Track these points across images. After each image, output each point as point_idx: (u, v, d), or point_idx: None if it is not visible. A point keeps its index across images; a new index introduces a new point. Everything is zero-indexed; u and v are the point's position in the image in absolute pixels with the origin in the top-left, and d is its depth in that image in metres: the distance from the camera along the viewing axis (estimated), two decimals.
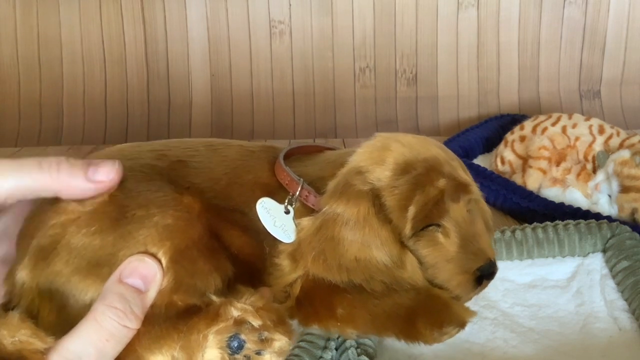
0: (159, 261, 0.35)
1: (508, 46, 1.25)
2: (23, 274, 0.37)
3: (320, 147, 0.52)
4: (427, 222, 0.43)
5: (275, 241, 0.44)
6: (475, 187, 0.45)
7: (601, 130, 0.85)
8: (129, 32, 1.24)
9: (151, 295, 0.35)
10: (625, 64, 1.25)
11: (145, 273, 0.35)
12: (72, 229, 0.36)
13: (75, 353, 0.32)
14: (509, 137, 0.92)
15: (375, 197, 0.42)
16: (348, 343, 0.47)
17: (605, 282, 0.58)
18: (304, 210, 0.45)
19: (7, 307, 0.37)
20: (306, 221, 0.44)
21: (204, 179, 0.44)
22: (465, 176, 0.45)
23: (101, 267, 0.35)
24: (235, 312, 0.34)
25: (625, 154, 0.77)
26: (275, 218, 0.44)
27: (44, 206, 0.39)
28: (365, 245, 0.42)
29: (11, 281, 0.38)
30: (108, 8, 1.24)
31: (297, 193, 0.44)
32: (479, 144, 1.01)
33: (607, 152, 0.82)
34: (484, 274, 0.44)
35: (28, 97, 1.25)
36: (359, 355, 0.47)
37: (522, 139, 0.89)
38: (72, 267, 0.36)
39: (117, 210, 0.37)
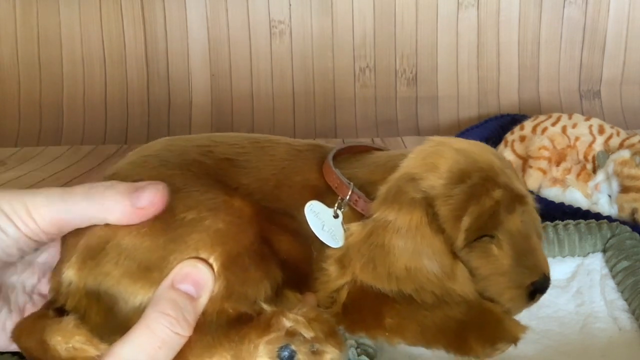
0: (211, 267, 0.35)
1: (508, 46, 1.25)
2: (70, 273, 0.36)
3: (367, 147, 0.50)
4: (481, 234, 0.41)
5: (322, 245, 0.43)
6: (530, 199, 0.44)
7: (601, 130, 0.85)
8: (129, 32, 1.24)
9: (203, 301, 0.34)
10: (625, 64, 1.25)
11: (197, 279, 0.34)
12: (122, 230, 0.35)
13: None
14: (509, 137, 0.92)
15: (428, 205, 0.41)
16: (348, 343, 0.47)
17: (605, 282, 0.58)
18: (353, 214, 0.44)
19: (53, 305, 0.37)
20: (355, 226, 0.43)
21: (252, 180, 0.43)
22: (521, 187, 0.44)
23: (151, 270, 0.35)
24: (287, 323, 0.34)
25: (625, 154, 0.77)
26: (323, 222, 0.43)
27: None
28: (417, 254, 0.41)
29: (57, 280, 0.37)
30: (108, 8, 1.24)
31: (347, 197, 0.43)
32: None
33: (607, 152, 0.82)
34: (538, 289, 0.42)
35: (28, 97, 1.25)
36: (359, 355, 0.47)
37: (522, 139, 0.89)
38: (122, 269, 0.35)
39: (167, 212, 0.36)
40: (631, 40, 1.24)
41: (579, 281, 0.59)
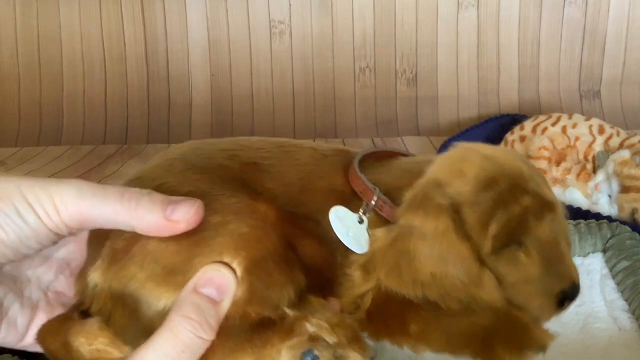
0: (234, 271, 0.35)
1: (508, 46, 1.25)
2: (95, 276, 0.36)
3: (394, 152, 0.50)
4: (509, 241, 0.41)
5: (347, 251, 0.42)
6: (559, 206, 0.43)
7: (601, 130, 0.85)
8: (129, 32, 1.24)
9: (225, 305, 0.34)
10: (625, 64, 1.25)
11: (220, 283, 0.34)
12: None
13: None
14: (509, 137, 0.92)
15: (454, 212, 0.41)
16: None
17: (605, 282, 0.58)
18: (378, 220, 0.43)
19: (79, 308, 0.37)
20: (380, 232, 0.42)
21: (277, 184, 0.43)
22: (550, 194, 0.43)
23: (175, 274, 0.35)
24: (310, 328, 0.34)
25: (625, 154, 0.77)
26: (348, 227, 0.42)
27: None
28: (442, 260, 0.40)
29: (83, 282, 0.37)
30: (108, 8, 1.24)
31: (373, 203, 0.43)
32: None
33: (607, 152, 0.82)
34: (567, 297, 0.42)
35: (28, 97, 1.25)
36: None
37: (522, 139, 0.89)
38: (147, 272, 0.35)
39: None
40: (631, 40, 1.24)
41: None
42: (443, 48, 1.24)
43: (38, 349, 0.37)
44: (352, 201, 0.44)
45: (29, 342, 0.36)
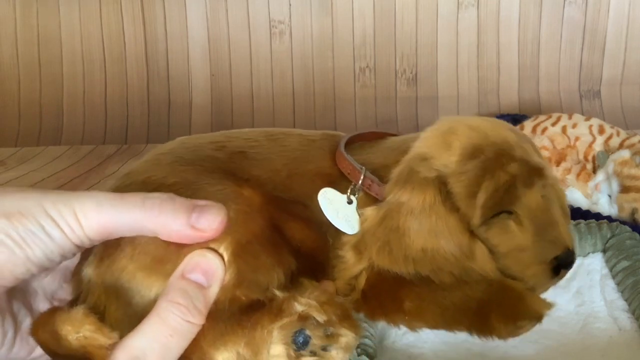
0: (221, 256, 0.35)
1: (508, 46, 1.25)
2: (89, 271, 0.36)
3: (382, 133, 0.49)
4: (498, 210, 0.40)
5: (338, 233, 0.42)
6: (550, 171, 0.42)
7: (601, 130, 0.85)
8: (129, 32, 1.24)
9: (214, 290, 0.34)
10: (625, 64, 1.25)
11: (206, 268, 0.34)
12: None
13: (139, 349, 0.31)
14: None
15: (441, 184, 0.40)
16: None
17: (605, 282, 0.58)
18: (368, 200, 0.43)
19: (75, 304, 0.36)
20: (370, 211, 0.42)
21: (264, 171, 0.43)
22: (539, 160, 0.42)
23: (164, 263, 0.35)
24: (299, 307, 0.33)
25: (625, 154, 0.77)
26: (338, 209, 0.42)
27: None
28: (432, 235, 0.40)
29: (77, 278, 0.37)
30: (108, 8, 1.24)
31: (360, 182, 0.43)
32: None
33: (607, 152, 0.82)
34: (562, 264, 0.41)
35: (28, 97, 1.25)
36: (359, 355, 0.47)
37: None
38: (137, 263, 0.35)
39: None
40: (631, 40, 1.24)
41: (579, 281, 0.58)
42: (443, 48, 1.24)
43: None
44: (341, 183, 0.43)
45: (37, 354, 0.36)
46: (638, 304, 0.53)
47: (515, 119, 1.04)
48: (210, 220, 0.34)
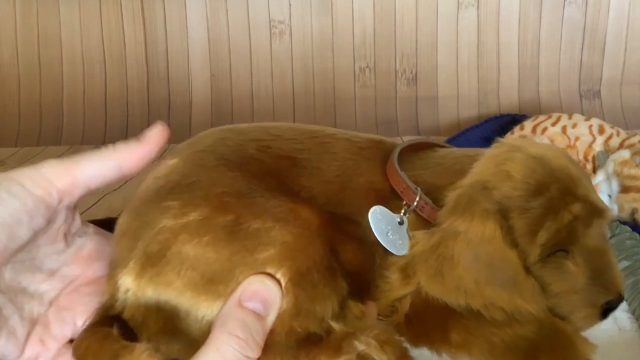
0: (279, 283, 0.33)
1: (508, 46, 1.25)
2: (128, 280, 0.35)
3: (430, 143, 0.48)
4: (557, 249, 0.39)
5: (385, 252, 0.41)
6: (609, 212, 0.41)
7: (601, 130, 0.85)
8: (129, 32, 1.24)
9: (271, 319, 0.33)
10: (625, 64, 1.25)
11: (265, 296, 0.33)
12: (183, 237, 0.34)
13: None
14: (509, 137, 0.92)
15: (502, 218, 0.39)
16: None
17: None
18: (418, 221, 0.42)
19: (108, 312, 0.36)
20: (421, 235, 0.40)
21: (315, 182, 0.41)
22: (598, 198, 0.41)
23: (216, 283, 0.33)
24: (359, 346, 0.33)
25: (625, 154, 0.77)
26: (388, 229, 0.41)
27: (145, 203, 0.37)
28: (488, 268, 0.38)
29: (113, 285, 0.36)
30: (108, 8, 1.24)
31: (415, 204, 0.41)
32: (479, 144, 1.01)
33: (607, 152, 0.82)
34: (611, 308, 0.41)
35: (28, 97, 1.25)
36: None
37: (522, 138, 0.89)
38: (185, 279, 0.34)
39: (230, 220, 0.34)
40: (631, 40, 1.24)
41: None
42: (443, 48, 1.24)
43: None
44: (391, 200, 0.42)
45: (27, 356, 0.35)
46: (638, 304, 0.53)
47: (515, 119, 1.04)
48: (152, 131, 0.38)
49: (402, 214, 0.41)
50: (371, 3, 1.23)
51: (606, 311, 0.41)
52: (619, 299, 0.41)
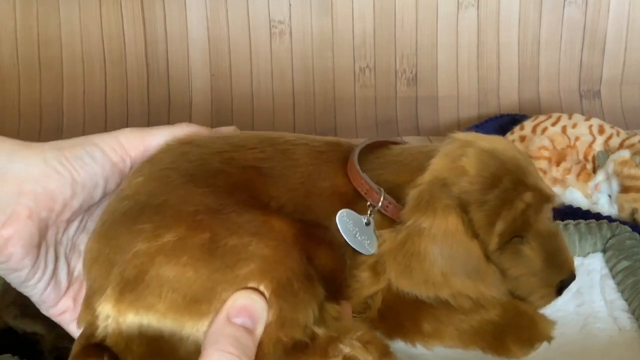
0: (264, 295, 0.34)
1: (508, 46, 1.25)
2: (107, 307, 0.35)
3: (384, 142, 0.49)
4: (512, 236, 0.42)
5: (354, 253, 0.43)
6: (557, 197, 0.45)
7: (601, 130, 0.85)
8: (129, 32, 1.24)
9: (259, 333, 0.34)
10: (625, 64, 1.25)
11: (252, 311, 0.33)
12: (160, 259, 0.34)
13: None
14: (509, 137, 0.92)
15: (462, 211, 0.41)
16: None
17: (605, 282, 0.58)
18: (383, 220, 0.43)
19: (90, 340, 0.36)
20: (388, 234, 0.42)
21: (282, 191, 0.42)
22: (546, 186, 0.44)
23: (199, 302, 0.34)
24: (345, 349, 0.34)
25: (625, 154, 0.77)
26: (355, 230, 0.42)
27: (114, 227, 0.37)
28: (453, 260, 0.41)
29: (91, 314, 0.36)
30: (108, 8, 1.24)
31: (380, 204, 0.43)
32: None
33: (607, 152, 0.82)
34: (565, 285, 0.44)
35: (28, 97, 1.25)
36: None
37: (522, 139, 0.89)
38: (167, 302, 0.34)
39: (207, 238, 0.35)
40: (631, 40, 1.24)
41: (578, 281, 0.58)
42: (443, 48, 1.24)
43: (62, 320, 0.39)
44: (355, 201, 0.43)
45: (57, 311, 0.39)
46: (638, 304, 0.53)
47: (515, 119, 1.04)
48: (227, 128, 0.45)
49: (368, 215, 0.43)
50: (371, 3, 1.23)
51: (560, 289, 0.44)
52: (572, 277, 0.44)
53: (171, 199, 0.37)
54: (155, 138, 0.40)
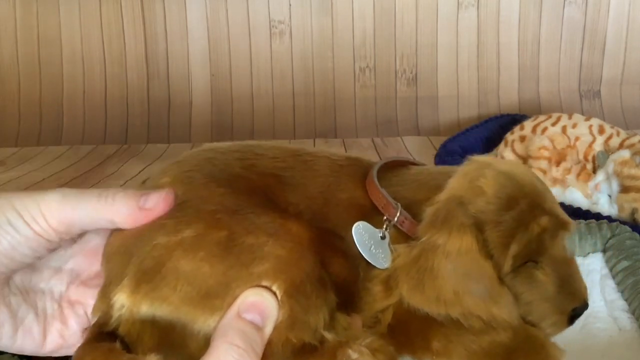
0: (275, 295, 0.34)
1: (508, 46, 1.25)
2: (122, 297, 0.35)
3: (404, 161, 0.50)
4: (527, 259, 0.42)
5: (368, 266, 0.43)
6: (573, 225, 0.44)
7: (601, 130, 0.85)
8: (129, 32, 1.24)
9: (268, 331, 0.34)
10: (625, 64, 1.25)
11: (263, 308, 0.34)
12: (178, 253, 0.35)
13: None
14: (509, 137, 0.92)
15: (478, 231, 0.41)
16: None
17: (605, 282, 0.58)
18: (398, 235, 0.43)
19: (103, 328, 0.36)
20: (402, 248, 0.42)
21: (301, 198, 0.42)
22: (563, 212, 0.44)
23: (212, 297, 0.34)
24: (353, 355, 0.34)
25: (625, 154, 0.77)
26: (371, 243, 0.42)
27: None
28: (466, 279, 0.41)
29: (106, 303, 0.36)
30: (108, 8, 1.24)
31: (396, 219, 0.43)
32: (479, 143, 1.01)
33: (607, 152, 0.82)
34: (577, 314, 0.43)
35: (28, 97, 1.25)
36: None
37: (522, 139, 0.89)
38: (182, 294, 0.34)
39: (224, 236, 0.35)
40: (631, 40, 1.24)
41: None
42: (443, 48, 1.24)
43: (61, 353, 0.37)
44: (373, 215, 0.43)
45: (49, 349, 0.37)
46: (638, 304, 0.53)
47: (515, 119, 1.04)
48: (155, 201, 0.36)
49: (384, 229, 0.43)
50: (371, 3, 1.23)
51: (573, 317, 0.43)
52: (584, 306, 0.44)
53: (193, 199, 0.38)
54: (80, 215, 0.36)
